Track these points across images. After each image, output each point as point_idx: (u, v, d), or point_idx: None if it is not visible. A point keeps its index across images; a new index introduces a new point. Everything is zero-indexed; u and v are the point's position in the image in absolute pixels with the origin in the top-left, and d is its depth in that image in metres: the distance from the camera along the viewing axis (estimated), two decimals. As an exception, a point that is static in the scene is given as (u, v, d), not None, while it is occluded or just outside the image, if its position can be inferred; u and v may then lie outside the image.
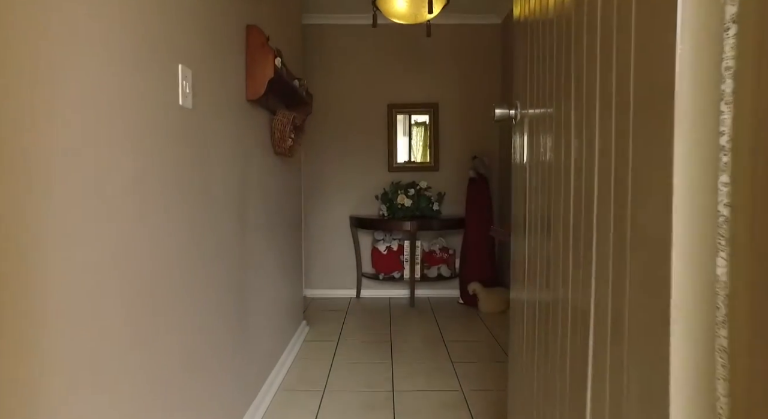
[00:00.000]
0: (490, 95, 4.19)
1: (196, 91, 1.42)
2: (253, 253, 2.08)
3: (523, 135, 1.20)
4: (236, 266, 1.84)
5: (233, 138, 1.81)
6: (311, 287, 4.33)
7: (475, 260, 3.95)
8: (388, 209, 4.05)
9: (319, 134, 4.23)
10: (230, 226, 1.77)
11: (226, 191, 1.73)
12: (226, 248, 1.73)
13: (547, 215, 1.02)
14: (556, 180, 0.96)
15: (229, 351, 1.75)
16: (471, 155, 4.19)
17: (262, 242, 2.25)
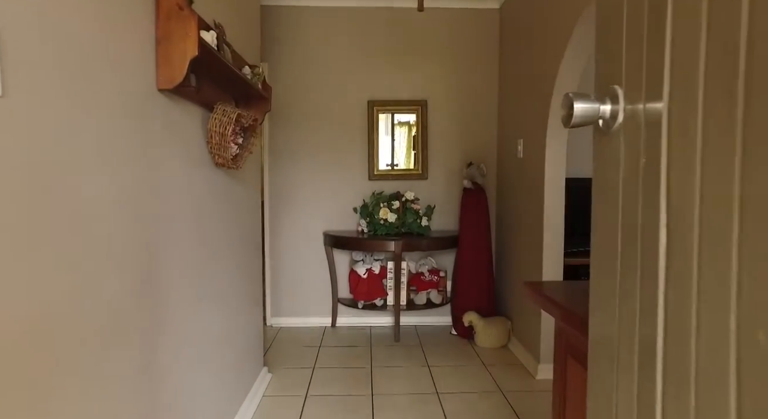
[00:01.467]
0: (487, 91, 3.62)
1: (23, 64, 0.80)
2: (174, 298, 1.45)
3: (642, 145, 0.61)
4: (148, 331, 1.22)
5: (129, 145, 1.18)
6: (279, 315, 3.70)
7: (470, 285, 3.38)
8: (369, 225, 3.44)
9: (285, 137, 3.59)
10: (117, 279, 1.14)
11: (113, 224, 1.11)
12: (115, 304, 1.10)
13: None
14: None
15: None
16: (466, 161, 3.61)
17: (193, 281, 1.62)
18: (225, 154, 1.74)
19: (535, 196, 2.78)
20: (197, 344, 1.67)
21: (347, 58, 3.57)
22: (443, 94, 3.62)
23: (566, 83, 2.50)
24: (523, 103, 3.05)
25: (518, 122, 3.13)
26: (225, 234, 1.98)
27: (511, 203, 3.28)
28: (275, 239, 3.65)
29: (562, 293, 1.09)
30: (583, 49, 2.37)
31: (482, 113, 3.64)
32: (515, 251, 3.18)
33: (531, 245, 2.87)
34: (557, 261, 2.69)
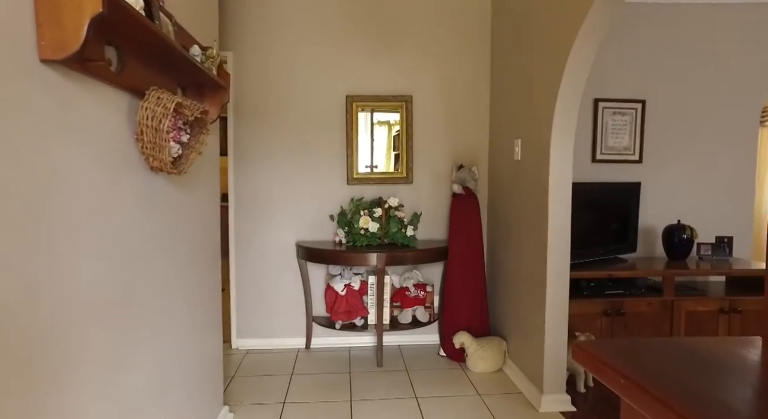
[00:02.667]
0: (478, 86, 3.29)
1: None
2: (76, 356, 1.05)
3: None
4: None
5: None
6: (246, 335, 3.27)
7: (461, 302, 3.03)
8: (347, 235, 3.06)
9: (254, 136, 3.18)
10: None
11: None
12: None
13: None
14: None
15: None
16: (455, 163, 3.27)
17: (111, 325, 1.21)
18: (162, 155, 1.34)
19: (538, 202, 2.45)
20: (119, 400, 1.26)
21: (324, 50, 3.18)
22: (430, 90, 3.27)
23: (576, 76, 2.18)
24: (520, 99, 2.72)
25: (515, 121, 2.80)
26: (165, 257, 1.57)
27: (506, 210, 2.95)
28: (242, 251, 3.23)
29: (642, 362, 0.73)
30: (596, 35, 2.05)
31: (473, 110, 3.30)
32: (511, 263, 2.85)
33: (532, 258, 2.54)
34: (563, 276, 2.37)
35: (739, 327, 2.99)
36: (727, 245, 3.32)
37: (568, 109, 2.25)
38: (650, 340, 0.80)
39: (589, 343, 0.76)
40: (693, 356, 0.72)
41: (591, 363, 0.71)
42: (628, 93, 3.38)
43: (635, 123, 3.37)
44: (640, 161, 3.41)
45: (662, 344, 0.79)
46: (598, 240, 3.11)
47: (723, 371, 0.67)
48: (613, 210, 3.21)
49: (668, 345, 0.78)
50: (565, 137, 2.30)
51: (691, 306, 2.95)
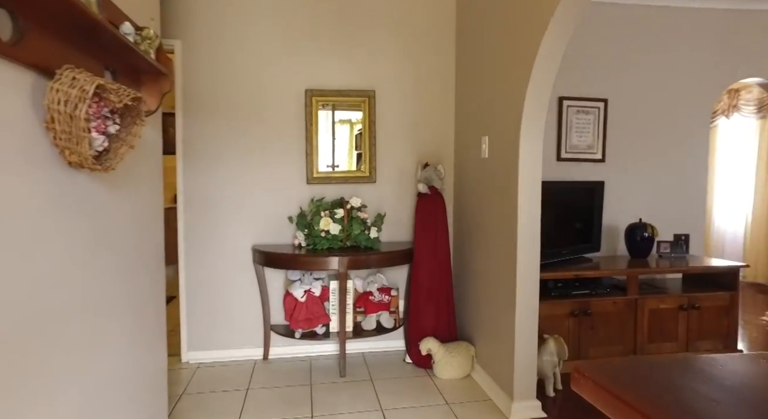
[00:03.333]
0: (443, 82, 3.18)
1: None
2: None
3: None
4: None
5: None
6: (198, 348, 3.02)
7: (427, 306, 2.91)
8: (307, 238, 2.88)
9: (205, 132, 2.94)
10: None
11: None
12: None
13: None
14: None
15: None
16: (420, 161, 3.15)
17: (12, 361, 0.99)
18: (81, 148, 1.13)
19: (506, 201, 2.36)
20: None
21: (281, 40, 2.98)
22: (394, 85, 3.13)
23: (546, 71, 2.10)
24: (487, 95, 2.63)
25: (482, 118, 2.71)
26: (87, 266, 1.35)
27: (473, 209, 2.85)
28: (193, 257, 2.98)
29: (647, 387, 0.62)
30: (566, 28, 1.98)
31: (438, 106, 3.19)
32: (479, 264, 2.76)
33: (501, 258, 2.45)
34: (533, 276, 2.29)
35: (697, 323, 3.03)
36: (684, 242, 3.38)
37: (537, 105, 2.17)
38: (659, 360, 0.69)
39: (593, 368, 0.63)
40: (717, 384, 0.61)
41: (601, 397, 0.59)
42: (592, 92, 3.38)
43: (598, 122, 3.37)
44: (603, 160, 3.42)
45: (674, 365, 0.68)
46: (564, 240, 3.08)
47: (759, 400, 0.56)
48: (577, 209, 3.18)
49: (682, 367, 0.67)
50: (535, 134, 2.22)
51: (653, 304, 2.96)
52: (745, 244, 5.50)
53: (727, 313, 3.08)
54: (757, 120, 5.40)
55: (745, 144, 5.49)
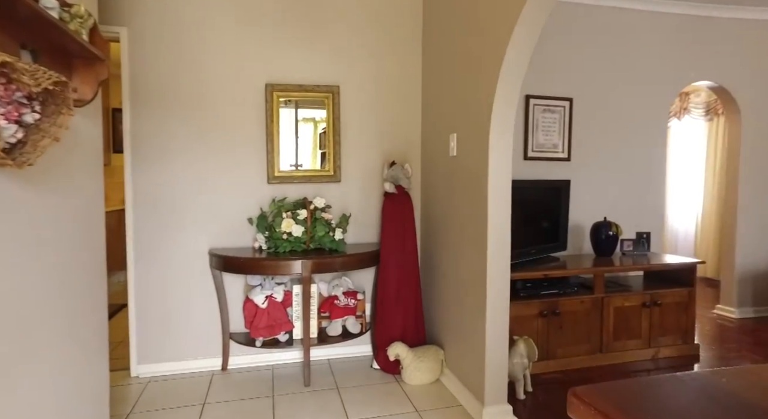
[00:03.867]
0: (410, 78, 3.10)
1: None
2: None
3: None
4: None
5: None
6: (150, 360, 2.79)
7: (395, 309, 2.82)
8: (268, 241, 2.72)
9: (156, 128, 2.72)
10: None
11: None
12: None
13: None
14: None
15: None
16: (387, 160, 3.06)
17: None
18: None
19: (476, 200, 2.29)
20: None
21: (240, 29, 2.81)
22: (359, 81, 3.02)
23: (516, 66, 2.04)
24: (455, 92, 2.56)
25: (450, 115, 2.64)
26: (3, 278, 1.16)
27: (441, 209, 2.78)
28: (144, 262, 2.75)
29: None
30: (537, 22, 1.92)
31: (404, 103, 3.10)
32: (448, 265, 2.69)
33: (471, 259, 2.38)
34: (504, 277, 2.23)
35: (658, 320, 3.08)
36: (646, 240, 3.43)
37: (507, 102, 2.11)
38: (659, 381, 0.61)
39: (594, 394, 0.54)
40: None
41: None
42: (557, 91, 3.38)
43: (564, 121, 3.38)
44: (569, 159, 3.43)
45: (674, 383, 0.60)
46: (531, 239, 3.06)
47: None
48: (544, 208, 3.17)
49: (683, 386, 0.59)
50: (505, 132, 2.16)
51: (618, 302, 2.98)
52: (696, 242, 5.72)
53: (686, 309, 3.14)
54: (705, 122, 5.63)
55: (695, 145, 5.71)
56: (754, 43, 3.90)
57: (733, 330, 3.70)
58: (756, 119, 3.98)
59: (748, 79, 3.92)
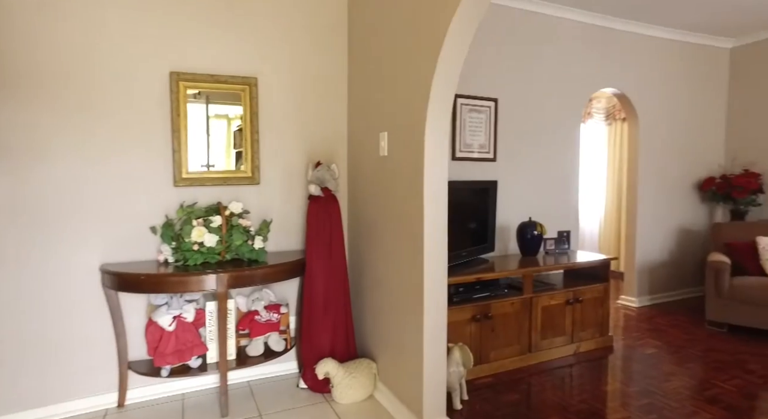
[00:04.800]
0: (335, 72, 2.89)
1: None
2: None
3: None
4: None
5: None
6: (18, 407, 2.28)
7: (323, 322, 2.59)
8: (176, 252, 2.35)
9: (30, 120, 2.23)
10: None
11: None
12: None
13: None
14: None
15: None
16: (311, 160, 2.82)
17: None
18: None
19: (410, 202, 2.15)
20: None
21: (140, 7, 2.40)
22: (279, 73, 2.74)
23: (453, 61, 1.92)
24: (385, 87, 2.40)
25: (379, 112, 2.48)
26: None
27: (372, 212, 2.61)
28: (14, 283, 2.24)
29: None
30: (476, 13, 1.82)
31: (329, 99, 2.88)
32: (380, 272, 2.52)
33: (405, 265, 2.23)
34: (441, 282, 2.11)
35: (580, 315, 3.19)
36: (566, 239, 3.56)
37: (443, 99, 1.99)
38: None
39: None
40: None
41: None
42: (483, 91, 3.38)
43: (490, 121, 3.38)
44: (495, 160, 3.45)
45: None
46: (462, 242, 3.00)
47: None
48: (473, 209, 3.14)
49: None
50: (440, 130, 2.04)
51: (545, 301, 3.03)
52: (599, 241, 6.17)
53: (602, 303, 3.29)
54: (606, 126, 6.09)
55: (598, 148, 6.16)
56: (649, 55, 4.25)
57: (635, 319, 3.98)
58: (651, 125, 4.34)
59: (645, 88, 4.26)
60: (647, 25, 4.11)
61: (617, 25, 3.98)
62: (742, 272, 3.75)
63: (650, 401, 2.50)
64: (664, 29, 4.22)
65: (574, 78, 3.82)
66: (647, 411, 2.40)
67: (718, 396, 2.56)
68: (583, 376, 2.82)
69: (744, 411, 2.40)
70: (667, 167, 4.46)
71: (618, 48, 4.05)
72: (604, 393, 2.59)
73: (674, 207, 4.55)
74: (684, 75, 4.47)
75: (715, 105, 4.71)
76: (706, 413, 2.38)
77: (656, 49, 4.27)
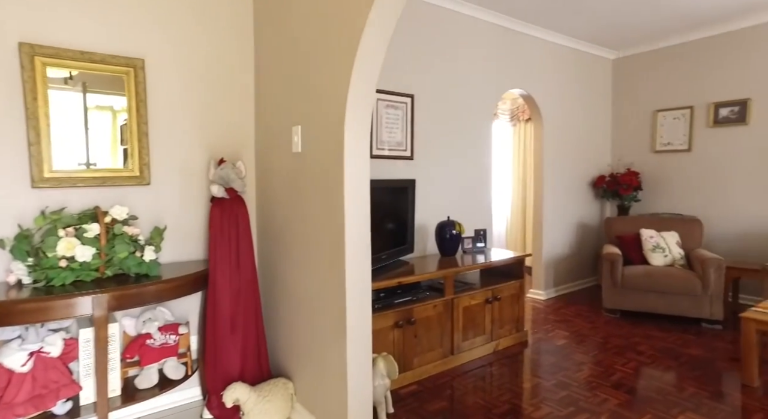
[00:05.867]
0: (238, 58, 2.56)
1: None
2: None
3: None
4: None
5: None
6: None
7: (231, 341, 2.27)
8: (34, 271, 1.88)
9: None
10: None
11: None
12: None
13: None
14: None
15: None
16: (214, 157, 2.47)
17: None
18: None
19: (330, 204, 1.94)
20: None
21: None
22: (173, 54, 2.35)
23: (375, 48, 1.74)
24: (298, 75, 2.16)
25: (292, 103, 2.22)
26: None
27: (285, 215, 2.34)
28: None
29: None
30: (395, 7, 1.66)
31: (234, 87, 2.55)
32: (296, 282, 2.27)
33: (324, 271, 2.01)
34: (365, 289, 1.93)
35: (498, 313, 3.22)
36: (483, 237, 3.59)
37: (364, 90, 1.81)
38: None
39: None
40: None
41: None
42: (400, 86, 3.26)
43: (406, 118, 3.28)
44: (412, 158, 3.35)
45: None
46: (382, 244, 2.85)
47: None
48: (392, 210, 3.01)
49: None
50: (362, 124, 1.85)
51: (466, 302, 3.00)
52: (506, 238, 6.46)
53: (518, 299, 3.36)
54: (511, 127, 6.39)
55: (503, 148, 6.44)
56: (550, 60, 4.48)
57: (544, 311, 4.17)
58: (553, 126, 4.58)
59: (548, 91, 4.48)
60: (547, 31, 4.32)
61: (523, 29, 4.13)
62: (630, 262, 4.09)
63: (567, 393, 2.56)
64: (562, 36, 4.48)
65: (487, 78, 3.88)
66: (566, 404, 2.44)
67: (621, 381, 2.71)
68: (504, 375, 2.83)
69: (641, 391, 2.56)
70: (567, 165, 4.75)
71: (524, 51, 4.20)
72: (525, 390, 2.61)
73: (573, 204, 4.87)
74: (578, 80, 4.79)
75: (603, 110, 5.14)
76: (614, 399, 2.49)
77: (556, 54, 4.51)
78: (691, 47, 4.53)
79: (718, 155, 4.41)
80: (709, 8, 3.87)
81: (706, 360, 3.02)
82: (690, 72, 4.56)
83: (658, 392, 2.58)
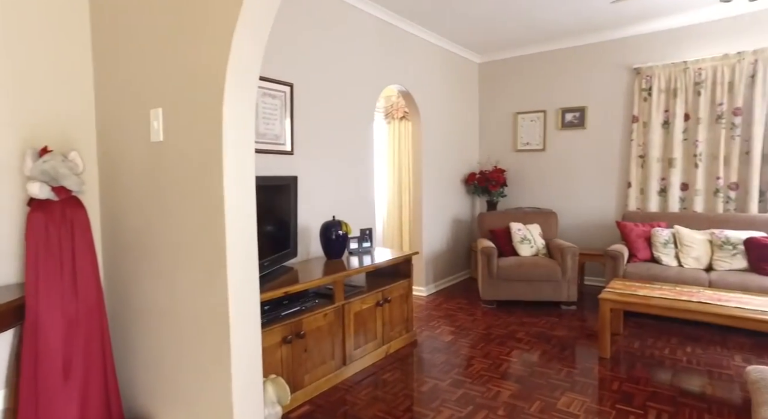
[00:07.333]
0: (75, 12, 1.96)
1: None
2: None
3: None
4: None
5: None
6: None
7: (62, 393, 1.72)
8: None
9: None
10: None
11: None
12: None
13: None
14: None
15: None
16: (32, 146, 1.85)
17: None
18: None
19: (204, 204, 1.56)
20: None
21: None
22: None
23: (259, 20, 1.42)
24: (156, 42, 1.71)
25: (147, 79, 1.76)
26: None
27: (141, 220, 1.86)
28: None
29: None
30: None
31: (64, 49, 1.95)
32: (159, 301, 1.81)
33: (199, 286, 1.63)
34: (252, 304, 1.60)
35: (389, 315, 3.10)
36: (369, 236, 3.43)
37: (249, 61, 1.47)
38: None
39: None
40: None
41: None
42: (277, 73, 2.92)
43: (285, 108, 2.95)
44: (292, 153, 3.03)
45: None
46: (262, 250, 2.49)
47: None
48: (273, 210, 2.66)
49: None
50: (246, 107, 1.52)
51: (357, 307, 2.80)
52: (383, 236, 6.48)
53: (406, 299, 3.29)
54: (386, 125, 6.41)
55: (379, 146, 6.44)
56: (426, 58, 4.54)
57: (427, 308, 4.21)
58: (430, 123, 4.66)
59: (425, 89, 4.53)
60: (426, 30, 4.37)
61: (405, 26, 4.09)
62: (502, 255, 4.36)
63: (463, 391, 2.54)
64: (438, 36, 4.57)
65: (368, 71, 3.74)
66: (464, 403, 2.41)
67: (508, 370, 2.80)
68: (399, 380, 2.71)
69: (527, 379, 2.67)
70: (442, 163, 4.89)
71: (405, 47, 4.16)
72: (423, 395, 2.52)
73: (449, 200, 5.03)
74: (450, 81, 4.96)
75: (472, 109, 5.43)
76: (506, 389, 2.55)
77: (432, 54, 4.59)
78: (546, 57, 5.01)
79: (565, 154, 4.96)
80: (563, 23, 4.30)
81: (570, 340, 3.31)
82: (544, 79, 5.04)
83: (540, 376, 2.71)
